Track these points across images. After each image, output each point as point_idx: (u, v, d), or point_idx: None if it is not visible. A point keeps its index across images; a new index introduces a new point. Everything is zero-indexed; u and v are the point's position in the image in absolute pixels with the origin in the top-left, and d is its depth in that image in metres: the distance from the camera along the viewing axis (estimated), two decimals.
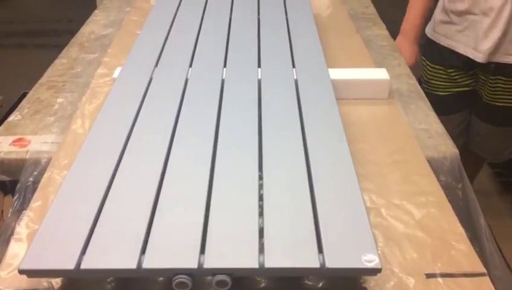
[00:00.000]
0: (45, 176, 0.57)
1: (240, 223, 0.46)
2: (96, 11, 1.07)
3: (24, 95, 1.58)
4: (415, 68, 0.97)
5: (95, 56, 0.86)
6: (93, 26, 0.99)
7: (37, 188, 0.56)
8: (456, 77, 1.05)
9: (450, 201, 0.54)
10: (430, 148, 0.63)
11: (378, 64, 0.83)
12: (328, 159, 0.54)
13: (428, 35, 1.08)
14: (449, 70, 1.05)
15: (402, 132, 0.65)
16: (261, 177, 0.52)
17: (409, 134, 0.64)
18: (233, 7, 0.93)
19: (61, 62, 0.84)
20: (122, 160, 0.54)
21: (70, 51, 0.88)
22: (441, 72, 1.06)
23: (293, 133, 0.60)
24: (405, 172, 0.57)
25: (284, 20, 0.89)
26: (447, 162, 0.61)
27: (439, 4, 1.04)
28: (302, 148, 0.57)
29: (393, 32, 1.04)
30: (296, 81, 0.71)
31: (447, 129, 0.67)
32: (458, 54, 1.01)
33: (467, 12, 0.96)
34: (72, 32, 1.14)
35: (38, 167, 0.60)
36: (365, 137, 0.64)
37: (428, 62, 1.09)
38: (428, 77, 1.09)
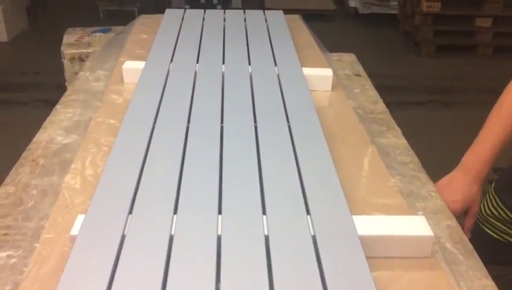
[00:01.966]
0: None
1: None
2: (57, 106, 0.89)
3: None
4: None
5: (52, 180, 0.69)
6: (53, 130, 0.81)
7: None
8: None
9: None
10: None
11: (403, 193, 0.68)
12: None
13: None
14: None
15: None
16: None
17: None
18: (224, 119, 0.77)
19: (6, 192, 0.66)
20: None
21: (20, 173, 0.70)
22: None
23: None
24: None
25: (288, 136, 0.73)
26: None
27: None
28: None
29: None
30: (314, 238, 0.55)
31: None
32: None
33: None
34: (39, 86, 0.96)
35: None
36: None
37: (501, 204, 0.85)
38: (493, 217, 0.87)
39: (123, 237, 0.54)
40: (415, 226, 0.57)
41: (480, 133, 0.79)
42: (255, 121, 0.78)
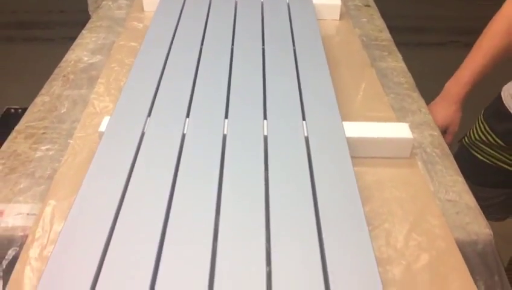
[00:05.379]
0: (18, 267, 0.49)
1: None
2: (83, 31, 0.97)
3: (8, 111, 1.49)
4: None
5: (82, 92, 0.78)
6: (80, 52, 0.90)
7: (9, 278, 0.48)
8: None
9: None
10: (458, 227, 0.55)
11: (395, 108, 0.75)
12: (345, 244, 0.47)
13: (504, 98, 0.89)
14: None
15: (428, 207, 0.57)
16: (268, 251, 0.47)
17: (436, 212, 0.56)
18: (235, 42, 0.84)
19: (42, 100, 0.76)
20: (107, 256, 0.46)
21: (53, 86, 0.79)
22: (506, 150, 0.91)
23: (304, 202, 0.52)
24: (435, 266, 0.50)
25: (292, 56, 0.80)
26: (479, 247, 0.54)
27: None
28: (315, 221, 0.50)
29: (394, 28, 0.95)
30: (306, 139, 0.63)
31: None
32: None
33: None
34: (64, 24, 1.04)
35: (11, 247, 0.52)
36: (386, 213, 0.56)
37: (489, 130, 0.92)
38: (482, 142, 0.93)
39: (143, 134, 0.63)
40: (397, 130, 0.65)
41: (463, 62, 0.85)
42: (263, 44, 0.84)
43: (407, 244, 0.52)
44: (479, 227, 0.55)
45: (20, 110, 1.36)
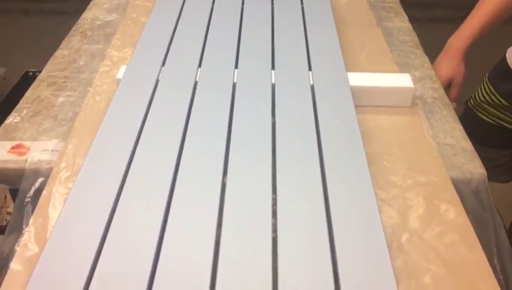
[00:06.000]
0: (44, 192, 0.53)
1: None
2: None
3: (26, 74, 1.54)
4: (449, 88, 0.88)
5: (99, 47, 0.81)
6: (96, 11, 0.93)
7: (36, 204, 0.53)
8: None
9: (476, 231, 0.51)
10: (455, 167, 0.59)
11: (399, 64, 0.78)
12: (346, 180, 0.51)
13: (508, 59, 0.92)
14: None
15: (426, 149, 0.60)
16: (274, 201, 0.49)
17: (434, 153, 0.60)
18: (245, 1, 0.87)
19: (62, 54, 0.80)
20: (125, 186, 0.50)
21: (72, 41, 0.83)
22: (510, 110, 0.93)
23: (309, 147, 0.56)
24: (430, 200, 0.53)
25: (300, 14, 0.83)
26: (473, 185, 0.57)
27: None
28: (319, 167, 0.53)
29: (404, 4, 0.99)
30: (312, 87, 0.66)
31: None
32: None
33: None
34: None
35: (38, 178, 0.57)
36: (385, 154, 0.59)
37: (494, 91, 0.94)
38: (486, 103, 0.95)
39: (157, 81, 0.67)
40: (399, 80, 0.68)
41: (465, 20, 0.88)
42: (272, 4, 0.87)
43: (405, 181, 0.56)
44: (473, 167, 0.59)
45: (37, 73, 1.40)
